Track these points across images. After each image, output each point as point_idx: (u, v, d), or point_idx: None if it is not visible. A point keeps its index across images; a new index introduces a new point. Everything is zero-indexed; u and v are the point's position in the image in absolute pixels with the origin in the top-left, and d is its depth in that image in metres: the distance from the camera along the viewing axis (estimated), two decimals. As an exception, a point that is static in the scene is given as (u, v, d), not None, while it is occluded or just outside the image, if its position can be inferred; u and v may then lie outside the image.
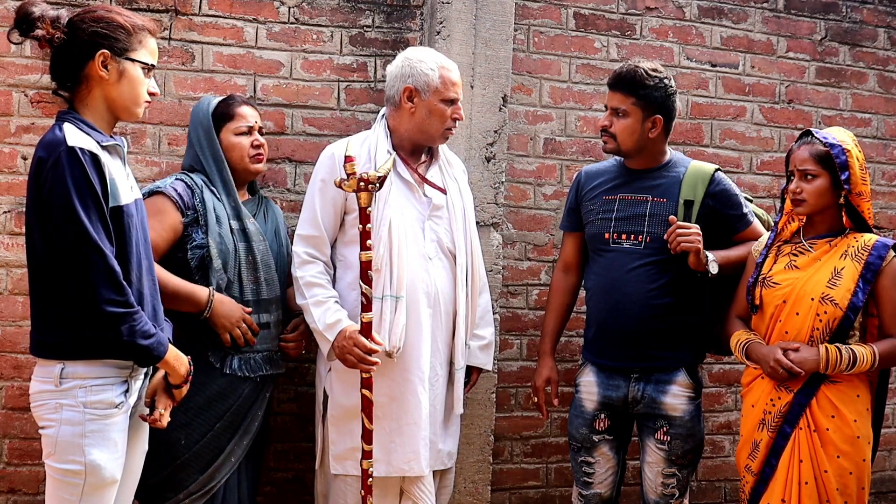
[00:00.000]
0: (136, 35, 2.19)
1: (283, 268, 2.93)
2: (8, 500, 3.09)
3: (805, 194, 2.64)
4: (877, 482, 4.09)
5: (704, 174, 2.90)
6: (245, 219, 2.83)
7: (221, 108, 2.89)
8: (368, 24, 3.42)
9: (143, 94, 2.22)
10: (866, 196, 2.67)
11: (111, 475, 2.14)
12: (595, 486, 2.95)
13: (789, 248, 2.72)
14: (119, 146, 2.21)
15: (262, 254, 2.82)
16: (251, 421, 2.81)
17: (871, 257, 2.60)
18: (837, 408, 2.59)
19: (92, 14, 2.18)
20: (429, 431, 2.82)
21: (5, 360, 3.08)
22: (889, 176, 4.08)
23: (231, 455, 2.77)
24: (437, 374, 2.86)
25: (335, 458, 2.84)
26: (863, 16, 4.02)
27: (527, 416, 3.62)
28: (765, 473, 2.66)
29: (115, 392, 2.14)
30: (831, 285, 2.59)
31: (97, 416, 2.12)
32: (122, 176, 2.18)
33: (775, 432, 2.64)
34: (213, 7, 3.25)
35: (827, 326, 2.59)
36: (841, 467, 2.57)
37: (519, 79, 3.57)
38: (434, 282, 2.83)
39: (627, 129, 2.85)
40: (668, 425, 2.86)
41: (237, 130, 2.87)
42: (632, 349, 2.87)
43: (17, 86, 3.08)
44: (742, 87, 3.86)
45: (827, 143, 2.62)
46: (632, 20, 3.72)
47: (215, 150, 2.84)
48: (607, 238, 2.90)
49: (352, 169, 2.59)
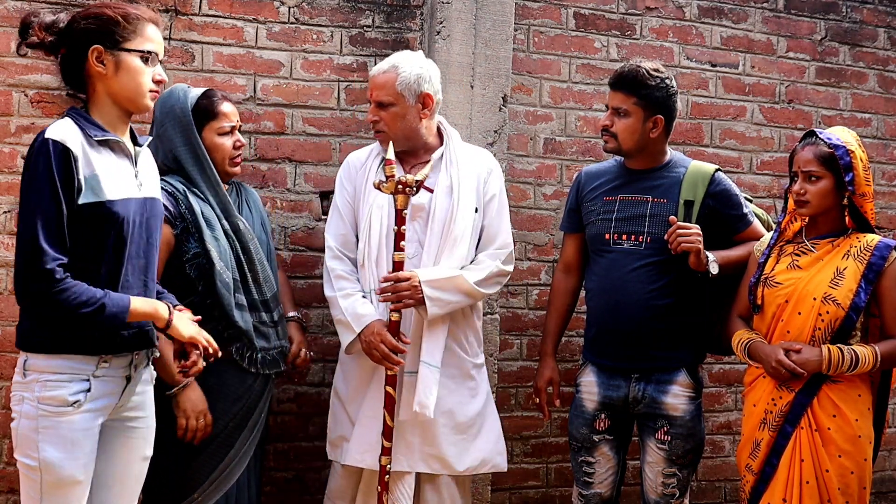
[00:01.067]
0: (131, 25, 2.17)
1: (273, 259, 2.86)
2: (8, 500, 3.09)
3: (809, 195, 2.63)
4: (877, 482, 4.09)
5: (705, 174, 2.90)
6: (235, 217, 2.71)
7: (203, 104, 2.71)
8: (368, 24, 3.42)
9: (146, 84, 2.19)
10: (869, 196, 2.67)
11: (69, 475, 2.10)
12: (595, 486, 2.95)
13: (792, 247, 2.72)
14: (120, 142, 2.19)
15: (256, 251, 2.74)
16: (259, 417, 2.78)
17: (874, 258, 2.60)
18: (839, 407, 2.58)
19: (83, 12, 2.20)
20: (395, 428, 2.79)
21: (5, 360, 3.08)
22: (889, 176, 4.08)
23: (242, 451, 2.73)
24: (410, 370, 2.81)
25: (329, 442, 2.95)
26: (863, 16, 4.02)
27: (527, 416, 3.62)
28: (765, 473, 2.66)
29: (70, 390, 2.10)
30: (834, 285, 2.59)
31: (49, 412, 2.09)
32: (115, 171, 2.15)
33: (776, 432, 2.64)
34: (213, 7, 3.25)
35: (829, 326, 2.59)
36: (842, 467, 2.57)
37: (519, 79, 3.57)
38: None
39: (628, 129, 2.85)
40: (668, 425, 2.86)
41: (220, 130, 2.72)
42: (632, 349, 2.86)
43: (17, 86, 3.08)
44: (742, 87, 3.86)
45: (831, 143, 2.62)
46: (632, 20, 3.72)
47: (197, 148, 2.67)
48: (608, 238, 2.90)
49: (391, 172, 2.64)
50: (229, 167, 2.76)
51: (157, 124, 2.70)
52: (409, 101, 2.82)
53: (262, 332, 2.74)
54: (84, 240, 2.10)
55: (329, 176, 3.36)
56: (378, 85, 2.83)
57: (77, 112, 2.18)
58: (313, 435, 3.36)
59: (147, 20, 2.21)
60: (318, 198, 3.37)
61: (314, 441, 3.35)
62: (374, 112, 2.85)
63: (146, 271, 2.24)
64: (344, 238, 2.90)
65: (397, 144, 2.82)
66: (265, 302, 2.76)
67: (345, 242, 2.89)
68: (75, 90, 2.22)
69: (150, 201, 2.25)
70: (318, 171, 3.37)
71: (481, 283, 2.85)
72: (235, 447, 2.71)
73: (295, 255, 3.34)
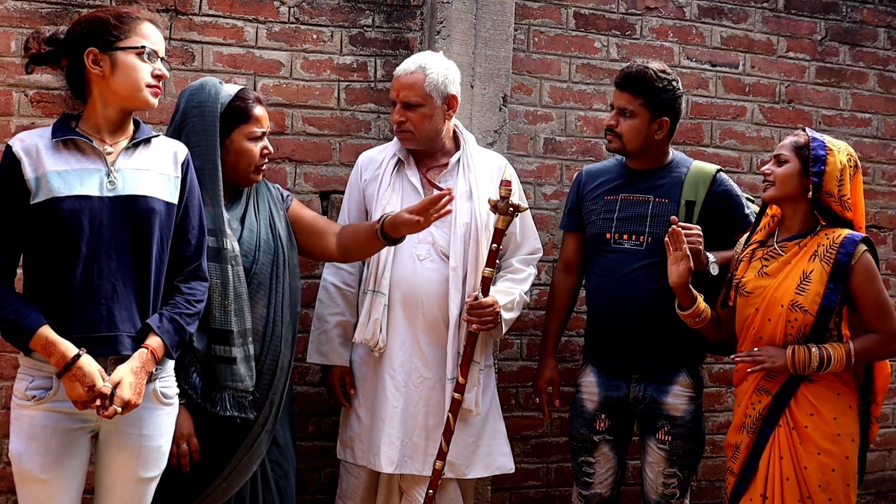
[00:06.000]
0: (123, 24, 2.19)
1: (280, 266, 2.64)
2: (8, 501, 3.09)
3: (773, 176, 2.65)
4: (877, 482, 4.09)
5: (706, 175, 2.90)
6: (223, 237, 2.49)
7: (238, 105, 2.56)
8: (368, 24, 3.42)
9: (143, 79, 2.19)
10: (843, 203, 2.62)
11: (28, 469, 2.12)
12: (595, 487, 2.95)
13: (762, 252, 2.71)
14: (88, 142, 2.17)
15: (235, 277, 2.50)
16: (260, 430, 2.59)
17: (840, 255, 2.57)
18: (816, 406, 2.58)
19: (78, 19, 2.25)
20: (399, 432, 2.81)
21: (5, 359, 3.07)
22: (889, 176, 4.08)
23: (236, 469, 2.54)
24: (422, 376, 2.84)
25: (341, 442, 2.97)
26: (863, 16, 4.02)
27: (527, 416, 3.62)
28: (745, 474, 2.67)
29: (28, 383, 2.14)
30: (800, 291, 2.58)
31: (16, 403, 2.17)
32: (75, 170, 2.14)
33: (755, 434, 2.65)
34: (213, 7, 3.25)
35: (799, 332, 2.59)
36: (822, 464, 2.57)
37: (519, 79, 3.57)
38: (419, 282, 2.83)
39: (634, 130, 2.84)
40: (669, 425, 2.86)
41: (251, 135, 2.58)
42: (633, 349, 2.87)
43: (17, 86, 3.07)
44: (742, 87, 3.86)
45: (812, 136, 2.64)
46: (632, 20, 3.72)
47: (214, 153, 2.51)
48: (609, 238, 2.90)
49: (506, 193, 2.69)
50: (253, 174, 2.62)
51: (180, 115, 2.56)
52: (437, 102, 2.84)
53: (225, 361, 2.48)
54: (41, 240, 2.13)
55: (329, 176, 3.36)
56: (405, 85, 2.83)
57: (66, 115, 2.23)
58: (313, 435, 3.36)
59: (142, 18, 2.22)
60: (319, 197, 3.37)
61: (314, 441, 3.35)
62: (401, 113, 2.85)
63: (125, 275, 2.17)
64: None
65: (420, 145, 2.88)
66: (227, 333, 2.49)
67: None
68: (80, 98, 2.25)
69: (129, 200, 2.18)
70: (318, 171, 3.37)
71: (527, 293, 3.00)
72: (225, 471, 2.53)
73: (295, 255, 3.34)
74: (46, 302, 2.14)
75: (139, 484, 2.25)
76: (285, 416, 2.69)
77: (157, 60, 2.23)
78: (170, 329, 2.22)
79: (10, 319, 2.10)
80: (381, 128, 3.41)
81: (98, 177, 2.17)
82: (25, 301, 2.14)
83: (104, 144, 2.21)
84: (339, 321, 2.91)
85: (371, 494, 2.93)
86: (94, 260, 2.13)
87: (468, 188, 2.89)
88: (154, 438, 2.24)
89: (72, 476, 2.17)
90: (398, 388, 2.83)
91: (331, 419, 3.32)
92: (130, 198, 2.19)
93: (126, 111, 2.24)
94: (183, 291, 2.29)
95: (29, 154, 2.14)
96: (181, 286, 2.30)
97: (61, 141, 2.16)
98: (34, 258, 2.17)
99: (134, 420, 2.20)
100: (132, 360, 2.15)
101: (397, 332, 2.84)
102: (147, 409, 2.22)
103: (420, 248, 2.84)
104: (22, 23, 3.04)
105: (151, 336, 2.20)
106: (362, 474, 2.91)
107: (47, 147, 2.15)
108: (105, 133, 2.23)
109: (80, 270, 2.13)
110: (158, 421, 2.26)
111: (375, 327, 2.80)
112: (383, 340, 2.82)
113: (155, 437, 2.24)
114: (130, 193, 2.19)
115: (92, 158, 2.19)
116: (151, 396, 2.24)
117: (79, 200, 2.12)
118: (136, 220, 2.19)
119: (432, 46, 3.33)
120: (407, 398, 2.83)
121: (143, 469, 2.24)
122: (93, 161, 2.19)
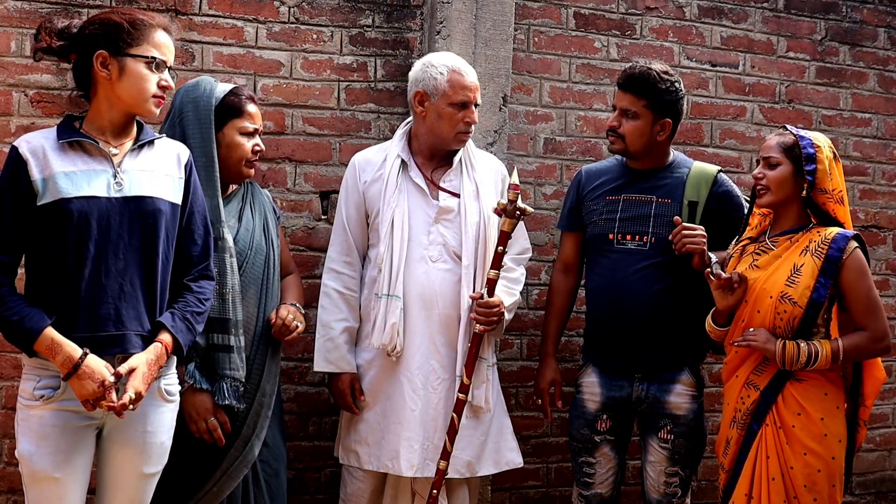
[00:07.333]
0: (136, 31, 2.19)
1: (271, 267, 2.70)
2: (8, 500, 3.09)
3: (767, 181, 2.64)
4: (877, 482, 4.10)
5: (708, 175, 2.90)
6: (220, 226, 2.54)
7: (231, 100, 2.63)
8: (368, 24, 3.42)
9: (149, 89, 2.21)
10: (835, 197, 2.63)
11: (40, 469, 2.13)
12: (596, 487, 2.95)
13: (753, 247, 2.72)
14: (94, 144, 2.19)
15: (231, 269, 2.54)
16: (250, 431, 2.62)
17: (832, 251, 2.57)
18: (803, 406, 2.58)
19: (92, 18, 2.24)
20: (419, 434, 2.80)
21: (5, 360, 3.07)
22: (889, 176, 4.08)
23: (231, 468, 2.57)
24: (440, 377, 2.84)
25: (343, 447, 2.94)
26: (863, 16, 4.02)
27: (527, 416, 3.62)
28: (736, 470, 2.68)
29: (34, 383, 2.15)
30: (790, 283, 2.58)
31: (23, 404, 2.17)
32: (83, 171, 2.15)
33: (744, 429, 2.66)
34: (213, 7, 3.24)
35: (788, 324, 2.58)
36: (808, 464, 2.57)
37: (519, 79, 3.57)
38: (432, 284, 2.83)
39: (637, 131, 2.84)
40: (671, 424, 2.86)
41: (243, 129, 2.64)
42: (636, 349, 2.87)
43: (17, 86, 3.07)
44: (742, 87, 3.86)
45: (797, 135, 2.64)
46: (632, 20, 3.72)
47: (209, 147, 2.57)
48: (611, 238, 2.90)
49: (514, 196, 2.70)
50: (245, 168, 2.67)
51: (175, 111, 2.62)
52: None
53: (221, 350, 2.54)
54: (47, 240, 2.14)
55: (329, 176, 3.36)
56: (477, 87, 2.89)
57: (70, 116, 2.23)
58: (313, 435, 3.36)
59: (156, 26, 2.23)
60: (319, 197, 3.37)
61: (314, 441, 3.35)
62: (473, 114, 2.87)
63: (132, 275, 2.19)
64: (348, 246, 2.91)
65: (425, 148, 2.90)
66: (226, 322, 2.54)
67: (349, 251, 2.91)
68: (85, 95, 2.26)
69: (136, 200, 2.20)
70: (318, 171, 3.37)
71: (521, 293, 3.04)
72: (216, 475, 2.56)
73: (295, 254, 3.33)
74: (52, 302, 2.14)
75: (142, 480, 2.28)
76: (275, 416, 2.72)
77: (164, 71, 2.24)
78: (182, 328, 2.26)
79: (15, 321, 2.11)
80: (380, 128, 3.41)
81: (105, 178, 2.19)
82: (28, 302, 2.15)
83: (109, 146, 2.23)
84: (344, 327, 2.88)
85: (377, 497, 2.92)
86: (101, 260, 2.15)
87: (474, 187, 2.90)
88: (157, 435, 2.27)
89: (81, 472, 2.20)
90: (416, 390, 2.82)
91: (331, 419, 3.32)
92: (137, 199, 2.21)
93: (130, 115, 2.26)
94: (193, 290, 2.33)
95: (35, 155, 2.14)
96: (191, 284, 2.33)
97: (67, 142, 2.18)
98: (38, 258, 2.17)
99: (138, 417, 2.22)
100: (147, 351, 2.18)
101: (414, 335, 2.82)
102: (151, 405, 2.25)
103: (432, 250, 2.84)
104: (22, 23, 3.04)
105: (164, 332, 2.23)
106: (368, 477, 2.89)
107: (53, 148, 2.16)
108: (110, 135, 2.24)
109: (88, 270, 2.14)
110: (161, 418, 2.29)
111: (393, 331, 2.78)
112: (401, 344, 2.80)
113: (158, 433, 2.27)
114: (137, 194, 2.21)
115: (98, 160, 2.20)
116: (155, 394, 2.27)
117: (87, 201, 2.14)
118: (144, 221, 2.21)
119: (432, 46, 3.33)
120: (426, 401, 2.82)
121: (145, 465, 2.27)
122: (99, 162, 2.20)
